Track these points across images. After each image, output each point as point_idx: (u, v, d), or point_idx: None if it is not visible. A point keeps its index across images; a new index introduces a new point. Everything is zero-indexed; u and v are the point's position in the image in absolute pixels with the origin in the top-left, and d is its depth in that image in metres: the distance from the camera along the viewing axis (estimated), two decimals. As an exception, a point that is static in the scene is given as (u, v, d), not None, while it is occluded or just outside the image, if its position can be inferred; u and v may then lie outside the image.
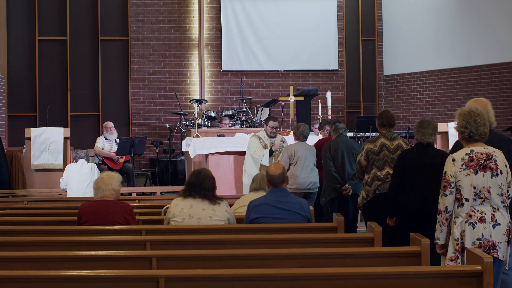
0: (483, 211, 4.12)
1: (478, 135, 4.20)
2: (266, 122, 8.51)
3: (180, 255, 4.11)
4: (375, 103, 14.78)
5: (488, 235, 4.09)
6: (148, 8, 14.06)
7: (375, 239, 4.52)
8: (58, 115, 13.58)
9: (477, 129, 4.19)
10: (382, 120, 6.25)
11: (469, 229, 4.10)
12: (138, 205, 6.93)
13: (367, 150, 6.18)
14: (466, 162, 4.15)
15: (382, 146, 6.13)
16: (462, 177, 4.13)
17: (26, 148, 10.30)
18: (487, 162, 4.13)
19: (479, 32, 12.96)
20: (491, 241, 4.09)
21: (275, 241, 4.62)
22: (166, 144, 13.34)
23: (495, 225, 4.10)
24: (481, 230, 4.09)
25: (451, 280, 3.63)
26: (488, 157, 4.14)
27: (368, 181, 6.16)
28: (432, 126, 5.52)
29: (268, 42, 14.22)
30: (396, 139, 6.19)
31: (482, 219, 4.10)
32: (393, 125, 6.27)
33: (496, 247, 4.08)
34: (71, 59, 13.84)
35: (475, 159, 4.14)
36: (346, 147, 7.27)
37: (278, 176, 5.32)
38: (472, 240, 4.10)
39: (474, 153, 4.16)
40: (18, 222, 5.74)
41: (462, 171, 4.13)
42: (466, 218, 4.13)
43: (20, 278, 3.54)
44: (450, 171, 4.18)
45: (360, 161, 6.24)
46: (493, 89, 12.88)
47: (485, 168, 4.12)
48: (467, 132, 4.21)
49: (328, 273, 3.63)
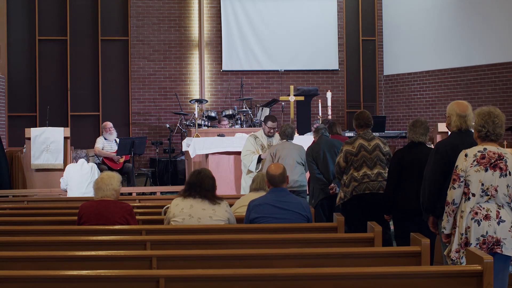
0: (489, 209, 4.21)
1: (494, 135, 4.34)
2: (265, 122, 8.47)
3: (180, 255, 4.11)
4: (375, 103, 14.78)
5: (493, 232, 4.18)
6: (148, 8, 14.06)
7: (375, 239, 4.52)
8: (58, 115, 13.58)
9: (494, 129, 4.33)
10: (359, 121, 6.36)
11: (474, 226, 4.19)
12: (138, 205, 6.93)
13: (346, 151, 6.29)
14: (478, 158, 4.25)
15: (360, 147, 6.24)
16: (472, 173, 4.23)
17: (26, 148, 10.30)
18: (498, 162, 4.24)
19: (479, 32, 12.96)
20: (495, 237, 4.17)
21: (275, 241, 4.62)
22: (166, 144, 13.34)
23: (500, 222, 4.19)
24: (485, 227, 4.18)
25: (451, 280, 3.63)
26: (500, 157, 4.26)
27: (346, 182, 6.28)
28: (424, 126, 5.67)
29: (268, 42, 14.22)
30: (374, 139, 6.30)
31: (487, 217, 4.19)
32: (370, 126, 6.36)
33: (500, 243, 4.17)
34: (71, 59, 13.84)
35: (487, 157, 4.25)
36: (327, 147, 7.33)
37: (278, 176, 5.33)
38: (477, 236, 4.18)
39: (486, 152, 4.27)
40: (18, 222, 5.74)
41: (473, 166, 4.24)
42: (472, 215, 4.22)
43: (20, 278, 3.54)
44: (461, 166, 4.28)
45: (339, 162, 6.35)
46: (493, 89, 12.88)
47: (495, 167, 4.23)
48: (484, 131, 4.33)
49: (328, 273, 3.63)
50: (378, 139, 6.36)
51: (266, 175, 5.44)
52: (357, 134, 6.37)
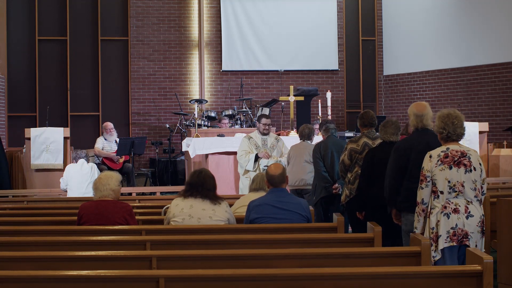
0: (458, 203, 4.47)
1: (456, 135, 4.58)
2: (259, 120, 8.56)
3: (180, 255, 4.11)
4: (375, 103, 14.78)
5: (462, 225, 4.44)
6: (148, 8, 14.06)
7: (375, 239, 4.52)
8: (58, 115, 13.58)
9: (454, 130, 4.57)
10: (363, 120, 6.47)
11: (444, 219, 4.45)
12: (138, 205, 6.93)
13: (350, 149, 6.38)
14: (442, 158, 4.51)
15: (365, 146, 6.32)
16: (437, 172, 4.50)
17: (26, 148, 10.31)
18: (461, 159, 4.50)
19: (479, 32, 12.96)
20: (465, 230, 4.44)
21: (275, 241, 4.62)
22: (166, 144, 13.34)
23: (469, 216, 4.45)
24: (455, 220, 4.44)
25: (451, 280, 3.63)
26: (463, 154, 4.51)
27: (351, 180, 6.35)
28: (394, 126, 5.83)
29: (268, 42, 14.22)
30: (377, 138, 6.36)
31: (456, 210, 4.46)
32: (374, 125, 6.47)
33: (468, 237, 4.43)
34: (71, 59, 13.85)
35: (450, 156, 4.51)
36: (335, 147, 7.38)
37: (278, 176, 5.32)
38: (447, 229, 4.45)
39: (449, 151, 4.53)
40: (18, 222, 5.73)
41: (438, 166, 4.50)
42: (442, 209, 4.47)
43: (20, 278, 3.54)
44: (427, 166, 4.55)
45: (344, 160, 6.43)
46: (493, 89, 12.89)
47: (459, 164, 4.48)
48: (445, 133, 4.58)
49: (328, 273, 3.63)
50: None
51: (266, 175, 5.44)
52: (362, 133, 6.47)
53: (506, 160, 10.67)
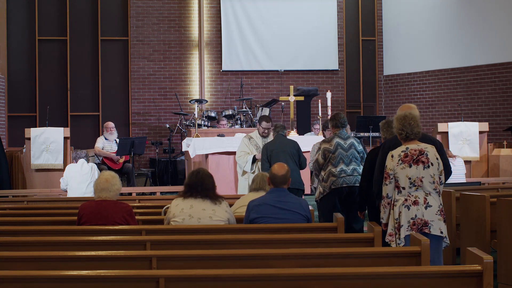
0: (417, 196, 4.88)
1: (413, 134, 4.98)
2: (260, 122, 8.49)
3: (180, 255, 4.11)
4: (375, 103, 14.79)
5: (421, 215, 4.85)
6: (148, 8, 14.06)
7: (375, 239, 4.53)
8: (58, 115, 13.58)
9: (412, 130, 4.96)
10: (335, 122, 6.98)
11: (404, 210, 4.87)
12: (138, 205, 6.93)
13: (324, 149, 6.88)
14: (402, 157, 4.92)
15: (337, 145, 6.85)
16: (399, 170, 4.91)
17: (26, 148, 10.31)
18: (419, 157, 4.89)
19: (479, 32, 12.96)
20: (424, 219, 4.84)
21: (275, 241, 4.62)
22: (166, 144, 13.34)
23: (427, 207, 4.86)
24: (414, 211, 4.85)
25: (451, 280, 3.63)
26: (421, 152, 4.91)
27: (324, 177, 6.85)
28: None
29: (268, 42, 14.22)
30: (349, 138, 6.95)
31: (416, 202, 4.87)
32: (345, 126, 7.01)
33: (428, 225, 4.84)
34: (71, 59, 13.85)
35: (409, 155, 4.91)
36: (282, 147, 7.68)
37: (281, 177, 5.31)
38: (407, 219, 4.85)
39: (409, 150, 4.93)
40: (18, 222, 5.73)
41: (399, 165, 4.91)
42: (403, 202, 4.89)
43: (20, 278, 3.54)
44: (389, 165, 4.97)
45: (318, 159, 6.92)
46: (493, 89, 12.89)
47: (418, 162, 4.88)
48: (404, 133, 4.99)
49: (328, 273, 3.63)
50: (353, 138, 7.02)
51: (269, 173, 5.43)
52: (334, 134, 6.94)
53: (506, 160, 10.67)
